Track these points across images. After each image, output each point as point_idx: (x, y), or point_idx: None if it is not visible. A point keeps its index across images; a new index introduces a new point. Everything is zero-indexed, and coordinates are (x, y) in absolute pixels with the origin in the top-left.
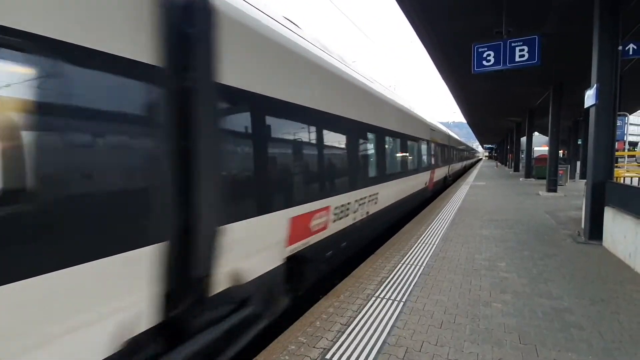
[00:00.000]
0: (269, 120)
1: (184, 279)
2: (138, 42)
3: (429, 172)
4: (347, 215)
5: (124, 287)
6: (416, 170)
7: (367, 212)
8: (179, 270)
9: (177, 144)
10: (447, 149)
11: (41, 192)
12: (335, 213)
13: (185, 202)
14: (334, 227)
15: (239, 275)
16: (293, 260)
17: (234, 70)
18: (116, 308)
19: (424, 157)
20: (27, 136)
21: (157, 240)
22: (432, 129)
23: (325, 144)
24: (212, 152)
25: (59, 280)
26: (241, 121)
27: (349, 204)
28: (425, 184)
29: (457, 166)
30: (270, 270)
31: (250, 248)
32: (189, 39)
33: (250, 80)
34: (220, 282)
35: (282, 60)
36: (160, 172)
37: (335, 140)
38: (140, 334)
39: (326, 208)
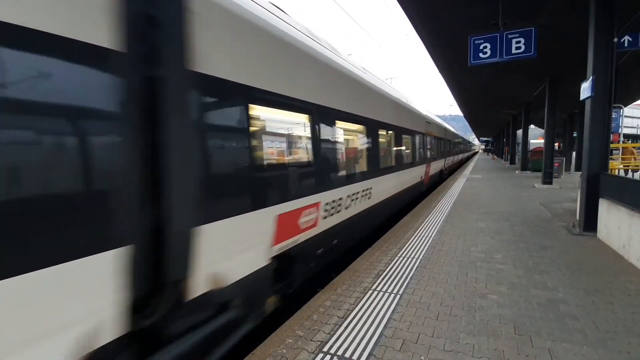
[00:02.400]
0: (251, 111)
1: (154, 284)
2: (94, 24)
3: (424, 165)
4: (339, 211)
5: (83, 296)
6: (411, 164)
7: (360, 209)
8: (148, 275)
9: (144, 138)
10: (443, 142)
11: None
12: (326, 209)
13: (153, 202)
14: (324, 224)
15: (220, 277)
16: (281, 259)
17: (209, 57)
18: (74, 319)
19: (420, 151)
20: None
21: (121, 244)
22: (428, 121)
23: (313, 137)
24: (185, 146)
25: (6, 289)
26: (220, 113)
27: (340, 199)
28: (421, 178)
29: (454, 159)
30: (255, 271)
31: (232, 248)
32: (157, 22)
33: (229, 69)
34: (198, 285)
35: (266, 47)
36: (123, 170)
37: (325, 133)
38: (105, 345)
39: (316, 204)
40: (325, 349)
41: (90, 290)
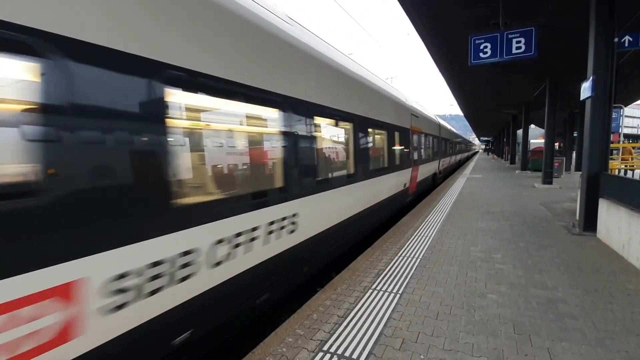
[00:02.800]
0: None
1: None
2: None
3: (409, 170)
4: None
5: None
6: (388, 170)
7: (266, 254)
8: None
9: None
10: (436, 140)
11: None
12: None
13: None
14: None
15: None
16: None
17: None
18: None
19: (403, 152)
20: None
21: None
22: (415, 114)
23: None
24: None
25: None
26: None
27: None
28: (405, 185)
29: (449, 161)
30: None
31: None
32: None
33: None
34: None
35: None
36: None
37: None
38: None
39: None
40: (325, 348)
41: None
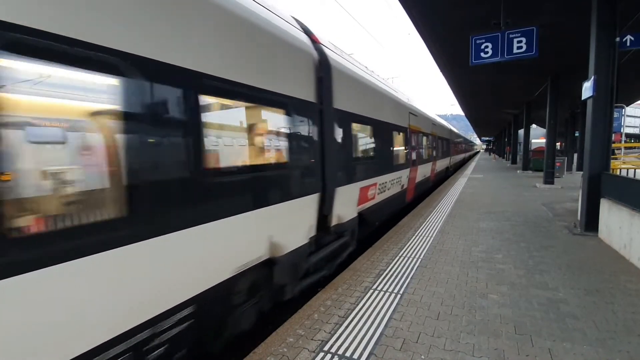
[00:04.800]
0: None
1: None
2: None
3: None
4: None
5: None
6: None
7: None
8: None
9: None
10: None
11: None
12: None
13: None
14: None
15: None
16: None
17: None
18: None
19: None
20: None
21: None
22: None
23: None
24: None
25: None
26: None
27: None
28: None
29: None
30: None
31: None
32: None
33: None
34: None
35: None
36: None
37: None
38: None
39: None
40: (326, 348)
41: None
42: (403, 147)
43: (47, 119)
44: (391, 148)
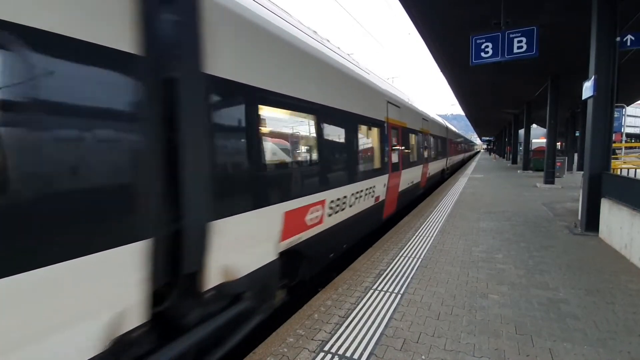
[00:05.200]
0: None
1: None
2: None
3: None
4: None
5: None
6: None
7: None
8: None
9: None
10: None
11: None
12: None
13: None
14: None
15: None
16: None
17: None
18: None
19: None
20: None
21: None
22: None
23: None
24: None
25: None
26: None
27: None
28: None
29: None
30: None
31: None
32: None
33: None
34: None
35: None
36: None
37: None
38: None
39: None
40: (326, 348)
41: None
42: (378, 147)
43: None
44: (355, 148)
